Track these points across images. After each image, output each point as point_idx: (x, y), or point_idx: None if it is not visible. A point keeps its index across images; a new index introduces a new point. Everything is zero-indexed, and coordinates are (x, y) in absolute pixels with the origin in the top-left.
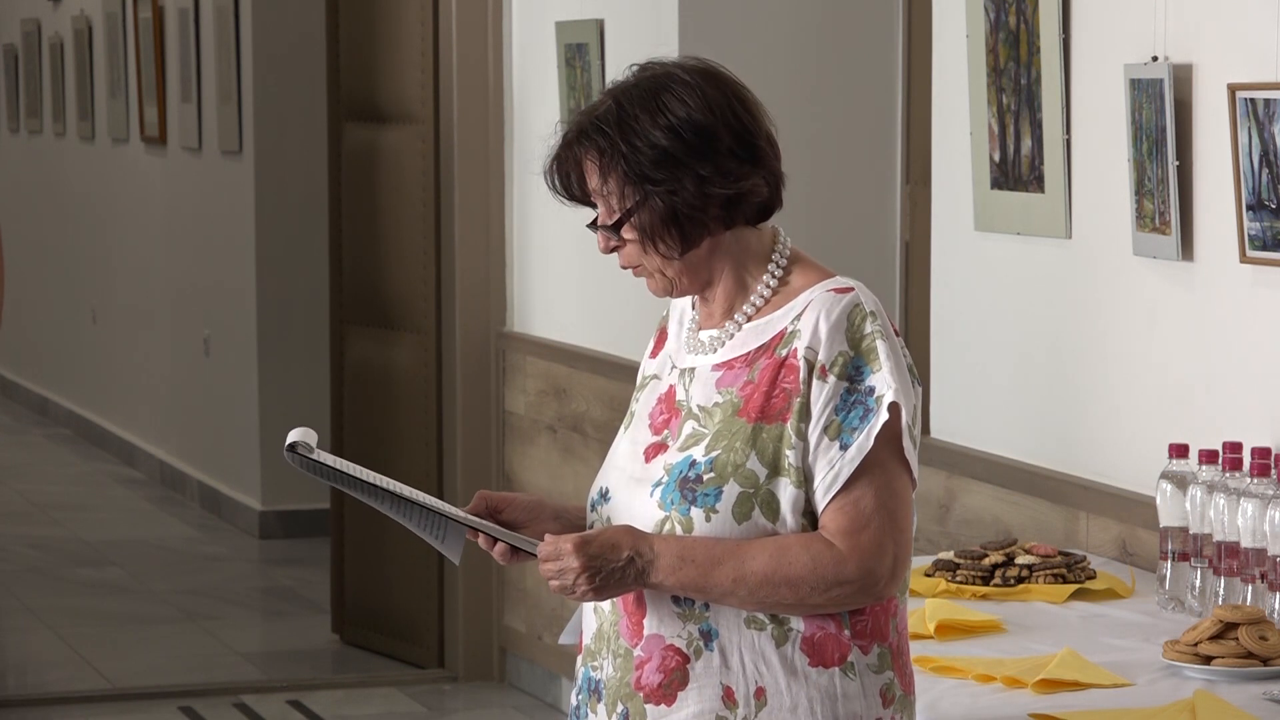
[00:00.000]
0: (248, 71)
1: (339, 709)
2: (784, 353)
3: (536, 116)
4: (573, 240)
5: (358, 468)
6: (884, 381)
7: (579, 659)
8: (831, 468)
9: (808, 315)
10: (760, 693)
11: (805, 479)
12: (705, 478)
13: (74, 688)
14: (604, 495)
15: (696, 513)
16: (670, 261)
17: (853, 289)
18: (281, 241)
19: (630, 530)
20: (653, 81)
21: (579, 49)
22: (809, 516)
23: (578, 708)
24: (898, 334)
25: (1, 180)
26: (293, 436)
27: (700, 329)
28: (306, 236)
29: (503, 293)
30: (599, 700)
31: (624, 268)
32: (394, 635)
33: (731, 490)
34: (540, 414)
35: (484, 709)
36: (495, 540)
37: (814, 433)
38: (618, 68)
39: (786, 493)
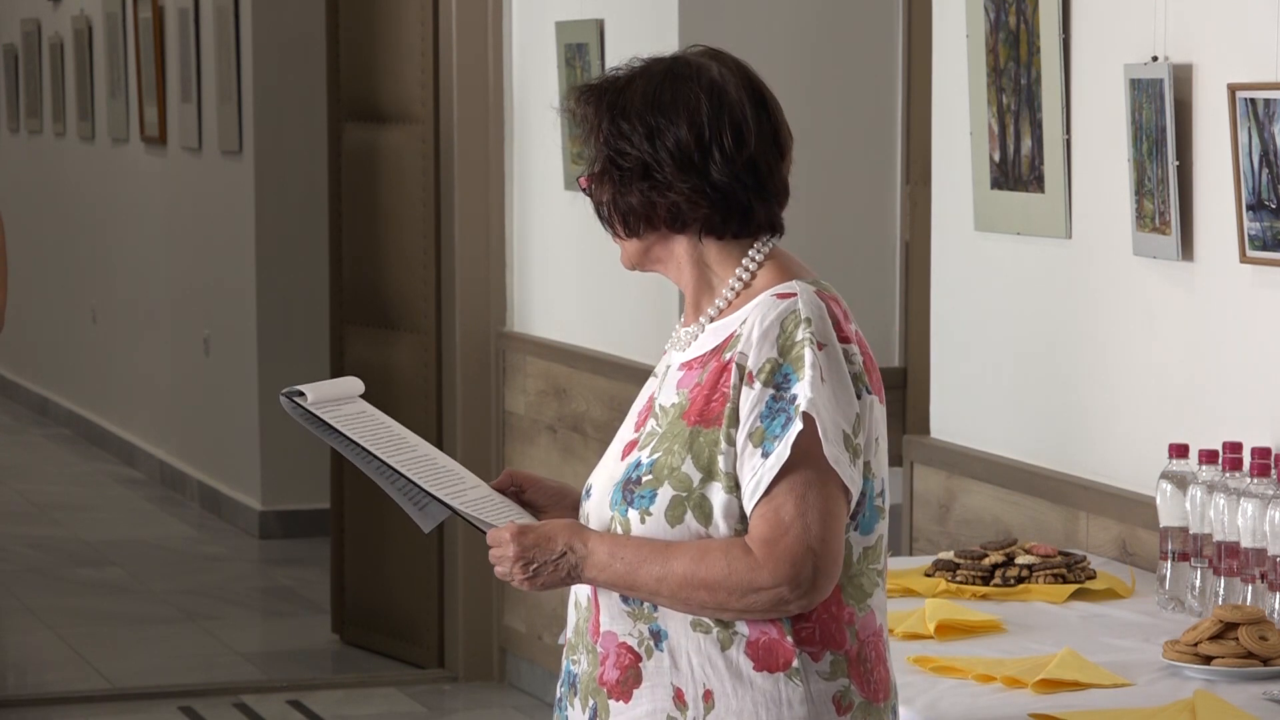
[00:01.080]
0: (248, 71)
1: (339, 709)
2: (728, 356)
3: (536, 117)
4: (573, 240)
5: (363, 420)
6: (803, 391)
7: (564, 652)
8: (754, 475)
9: (750, 319)
10: (708, 695)
11: (736, 484)
12: (644, 479)
13: (74, 688)
14: (588, 492)
15: (633, 514)
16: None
17: (794, 295)
18: (281, 241)
19: (570, 525)
20: (666, 77)
21: (579, 49)
22: (745, 522)
23: (560, 699)
24: (850, 340)
25: (1, 180)
26: (313, 390)
27: (683, 325)
28: (306, 236)
29: (503, 293)
30: (575, 694)
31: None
32: (394, 635)
33: (665, 493)
34: (540, 414)
35: (484, 709)
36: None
37: (740, 439)
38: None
39: (719, 497)
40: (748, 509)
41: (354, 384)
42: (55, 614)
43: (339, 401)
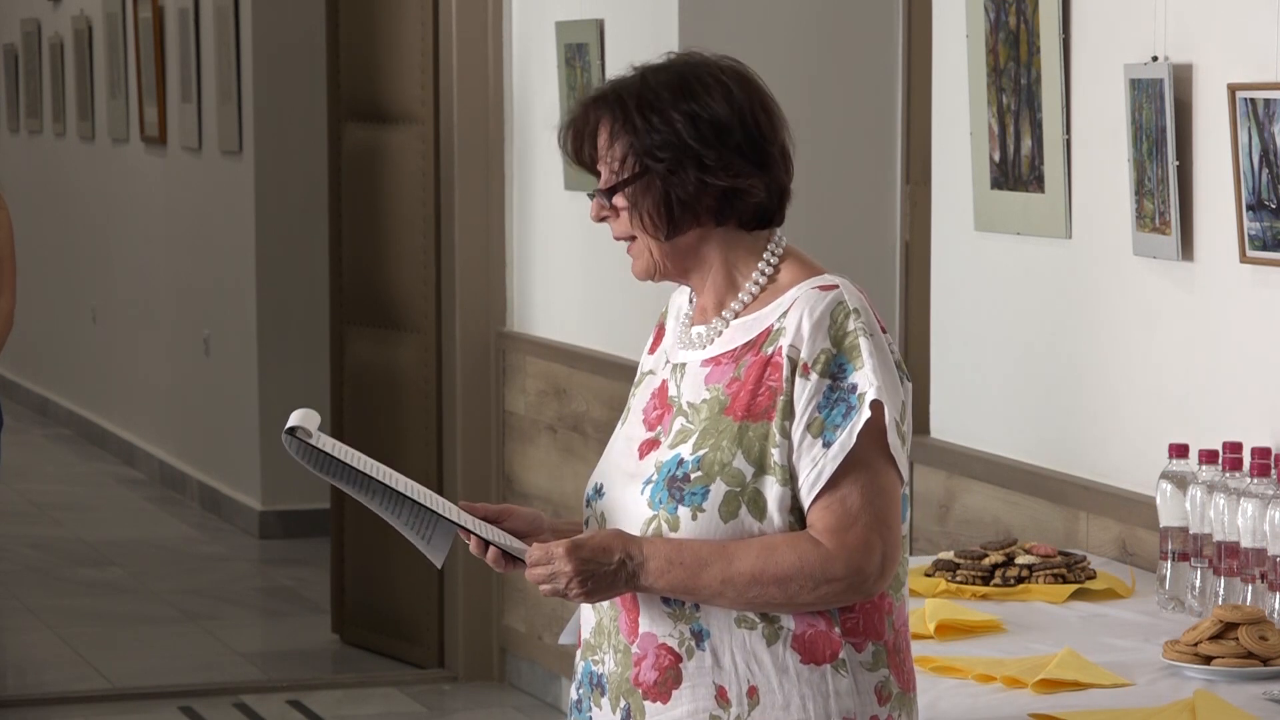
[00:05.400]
0: (248, 71)
1: (339, 709)
2: (769, 350)
3: (536, 117)
4: (573, 240)
5: (356, 455)
6: (866, 379)
7: (579, 653)
8: (815, 465)
9: (792, 313)
10: (753, 691)
11: (791, 477)
12: (692, 476)
13: (74, 688)
14: (598, 491)
15: (683, 511)
16: (658, 242)
17: (837, 286)
18: (281, 241)
19: (619, 534)
20: (684, 67)
21: (579, 49)
22: (797, 514)
23: (579, 701)
24: (885, 330)
25: (1, 180)
26: (294, 419)
27: (693, 324)
28: (306, 236)
29: (503, 293)
30: (603, 694)
31: (616, 238)
32: (394, 635)
33: (718, 489)
34: (540, 414)
35: (484, 709)
36: (486, 547)
37: (797, 430)
38: (618, 68)
39: (773, 491)
40: (807, 500)
41: (314, 415)
42: (55, 614)
43: (324, 436)
